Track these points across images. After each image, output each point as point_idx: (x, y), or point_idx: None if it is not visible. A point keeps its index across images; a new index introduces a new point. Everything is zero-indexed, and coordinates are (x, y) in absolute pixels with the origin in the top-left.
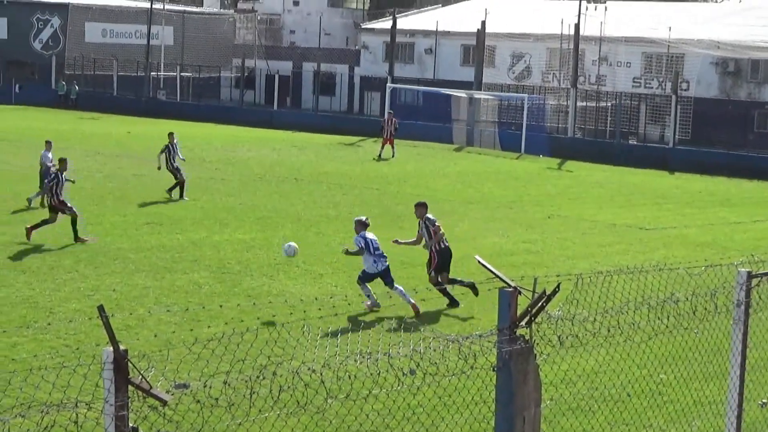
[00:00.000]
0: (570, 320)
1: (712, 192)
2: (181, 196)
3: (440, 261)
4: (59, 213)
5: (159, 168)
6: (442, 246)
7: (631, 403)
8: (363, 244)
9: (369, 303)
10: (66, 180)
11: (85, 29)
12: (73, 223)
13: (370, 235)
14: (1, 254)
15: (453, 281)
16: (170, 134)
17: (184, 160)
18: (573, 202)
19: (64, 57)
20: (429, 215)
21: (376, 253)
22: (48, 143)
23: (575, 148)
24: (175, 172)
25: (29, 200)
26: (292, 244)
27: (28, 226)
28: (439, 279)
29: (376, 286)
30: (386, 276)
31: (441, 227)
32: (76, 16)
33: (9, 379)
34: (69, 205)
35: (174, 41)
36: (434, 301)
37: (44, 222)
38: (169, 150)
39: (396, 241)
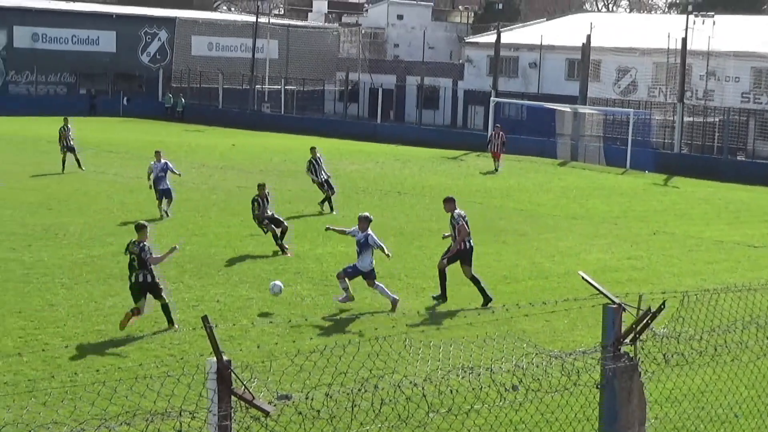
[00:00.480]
0: (676, 338)
1: None
2: (331, 209)
3: (459, 256)
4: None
5: (314, 182)
6: (467, 245)
7: (739, 424)
8: (374, 243)
9: (343, 297)
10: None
11: (191, 42)
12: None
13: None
14: (109, 264)
15: (476, 281)
16: (312, 149)
17: (329, 176)
18: (679, 219)
19: (170, 70)
20: (459, 211)
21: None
22: (157, 153)
23: (682, 164)
24: (323, 185)
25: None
26: (278, 283)
27: None
28: (463, 273)
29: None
30: (371, 274)
31: (467, 225)
32: (183, 30)
33: (115, 387)
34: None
35: (279, 55)
36: (536, 317)
37: None
38: (314, 164)
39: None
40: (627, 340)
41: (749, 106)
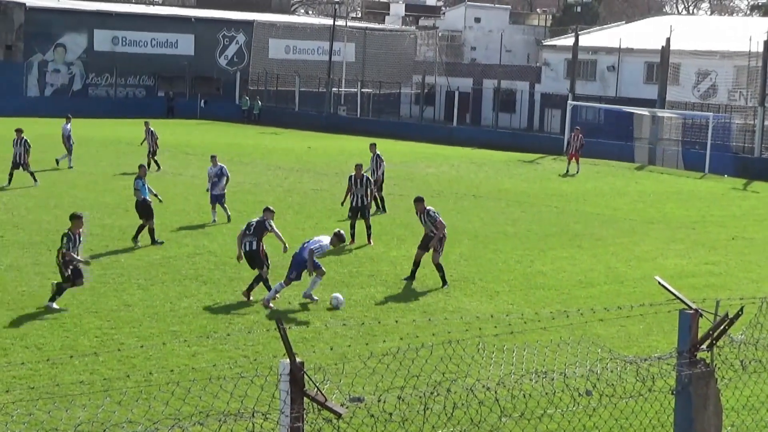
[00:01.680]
0: (753, 345)
1: None
2: (383, 209)
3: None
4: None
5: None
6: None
7: None
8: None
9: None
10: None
11: (269, 46)
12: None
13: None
14: (185, 265)
15: (441, 269)
16: (371, 145)
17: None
18: (759, 224)
19: (248, 73)
20: (429, 208)
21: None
22: (213, 158)
23: (762, 169)
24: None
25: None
26: (339, 296)
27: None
28: (433, 258)
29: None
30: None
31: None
32: (261, 33)
33: (189, 388)
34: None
35: (355, 57)
36: (612, 322)
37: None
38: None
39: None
40: (703, 347)
41: None
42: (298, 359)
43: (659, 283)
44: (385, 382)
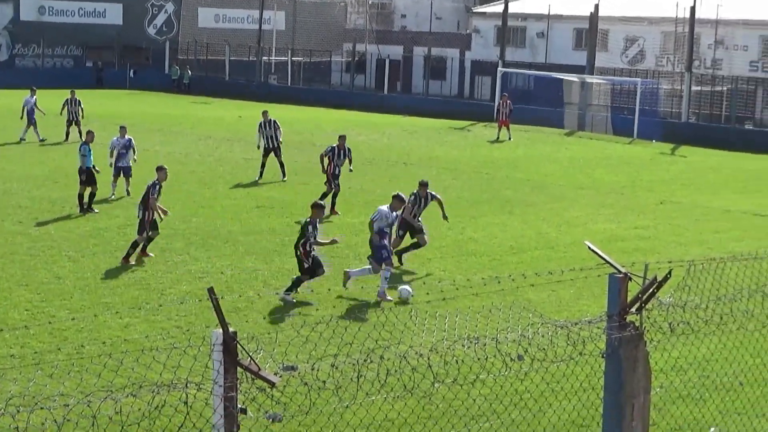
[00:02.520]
0: (681, 307)
1: None
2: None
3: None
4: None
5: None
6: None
7: (744, 392)
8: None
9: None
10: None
11: (198, 14)
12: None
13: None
14: (116, 236)
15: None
16: (264, 112)
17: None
18: (686, 188)
19: (177, 42)
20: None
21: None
22: (122, 129)
23: (689, 134)
24: (269, 150)
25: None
26: (407, 288)
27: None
28: (420, 240)
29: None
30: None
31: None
32: (190, 2)
33: (121, 359)
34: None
35: (285, 26)
36: (542, 287)
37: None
38: (262, 128)
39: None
40: (633, 310)
41: (757, 74)
42: (230, 329)
43: (589, 247)
44: (319, 351)
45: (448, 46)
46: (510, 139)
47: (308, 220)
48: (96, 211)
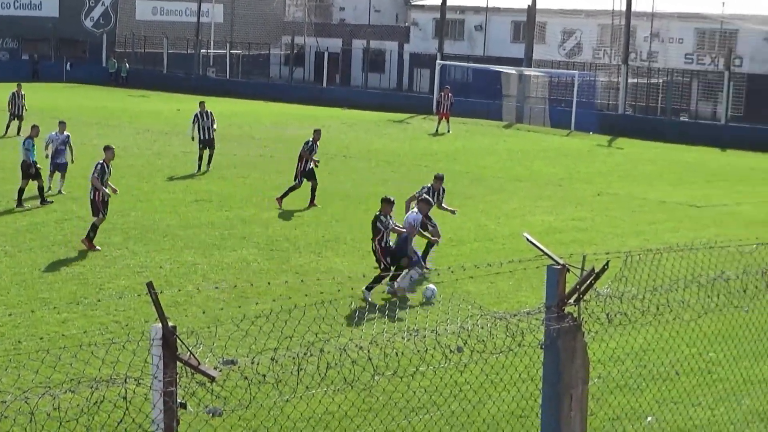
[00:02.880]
0: (619, 298)
1: (765, 169)
2: (207, 165)
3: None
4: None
5: (192, 138)
6: None
7: (680, 381)
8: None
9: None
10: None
11: (135, 7)
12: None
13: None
14: (53, 231)
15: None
16: (201, 103)
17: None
18: (623, 180)
19: (114, 35)
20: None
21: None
22: (62, 124)
23: (626, 126)
24: (202, 142)
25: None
26: (432, 287)
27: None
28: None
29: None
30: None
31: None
32: None
33: (59, 355)
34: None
35: (224, 19)
36: (481, 279)
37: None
38: (198, 118)
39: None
40: (570, 301)
41: (692, 67)
42: (170, 323)
43: (527, 239)
44: (259, 345)
45: (386, 38)
46: (449, 131)
47: (377, 214)
48: (51, 201)
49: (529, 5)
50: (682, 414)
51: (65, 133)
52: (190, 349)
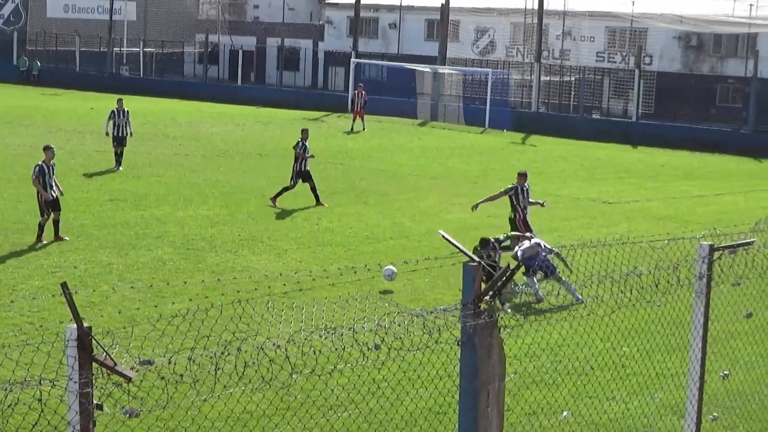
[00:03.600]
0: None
1: (675, 166)
2: (119, 165)
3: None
4: None
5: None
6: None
7: (595, 375)
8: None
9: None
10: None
11: (47, 4)
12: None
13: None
14: None
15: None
16: (118, 100)
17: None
18: (537, 177)
19: (25, 32)
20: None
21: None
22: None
23: (539, 123)
24: (117, 139)
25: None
26: (392, 268)
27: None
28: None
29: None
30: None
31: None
32: None
33: None
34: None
35: (137, 16)
36: (398, 277)
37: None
38: (114, 115)
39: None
40: (486, 297)
41: (604, 65)
42: (85, 324)
43: (443, 236)
44: (176, 344)
45: (301, 36)
46: (364, 129)
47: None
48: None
49: (442, 3)
50: (597, 408)
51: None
52: (105, 349)
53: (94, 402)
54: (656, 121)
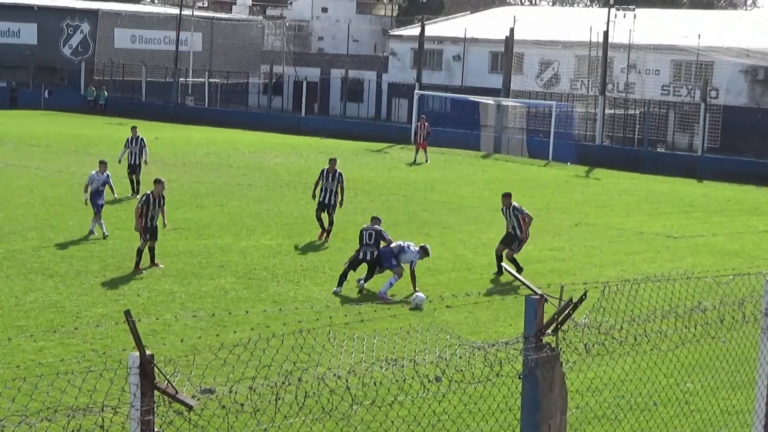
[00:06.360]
0: (596, 328)
1: (741, 200)
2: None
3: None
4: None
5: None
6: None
7: (658, 412)
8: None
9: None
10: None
11: (114, 35)
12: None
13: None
14: (30, 259)
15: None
16: (133, 128)
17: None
18: (600, 210)
19: (93, 63)
20: (515, 204)
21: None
22: (102, 164)
23: (603, 156)
24: (132, 167)
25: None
26: (421, 295)
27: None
28: (506, 254)
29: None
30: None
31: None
32: (106, 22)
33: (36, 383)
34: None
35: (203, 47)
36: (460, 309)
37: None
38: (130, 143)
39: None
40: (549, 331)
41: (669, 98)
42: (147, 352)
43: (505, 269)
44: (237, 373)
45: (365, 68)
46: (427, 161)
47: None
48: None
49: (506, 36)
50: None
51: (106, 173)
52: (167, 377)
53: (156, 430)
54: (722, 155)
